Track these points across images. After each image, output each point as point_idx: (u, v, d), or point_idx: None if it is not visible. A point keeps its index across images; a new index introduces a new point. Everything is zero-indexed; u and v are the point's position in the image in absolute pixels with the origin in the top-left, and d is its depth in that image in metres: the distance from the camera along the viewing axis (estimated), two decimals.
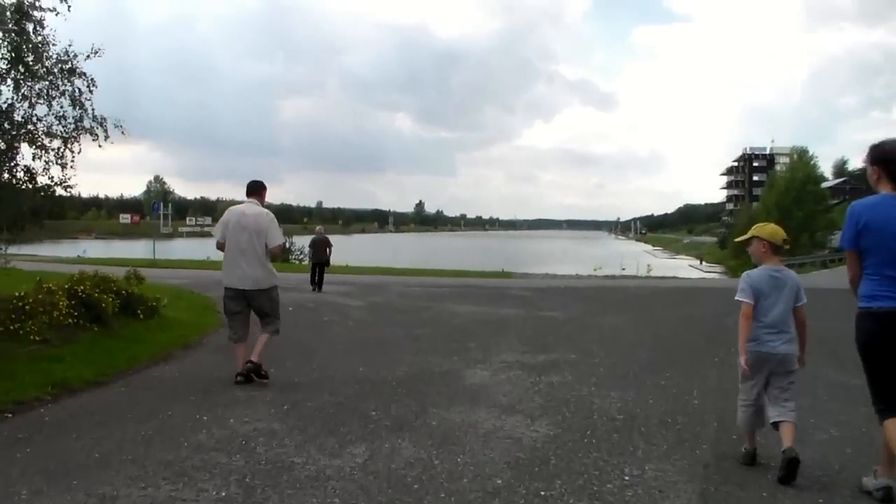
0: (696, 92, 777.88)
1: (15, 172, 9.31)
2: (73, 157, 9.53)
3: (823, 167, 67.66)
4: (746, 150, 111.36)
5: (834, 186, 71.82)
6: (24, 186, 9.39)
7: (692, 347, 9.33)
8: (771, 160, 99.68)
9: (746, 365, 4.33)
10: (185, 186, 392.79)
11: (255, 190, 6.98)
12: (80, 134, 9.54)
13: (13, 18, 8.67)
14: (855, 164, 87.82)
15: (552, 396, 6.29)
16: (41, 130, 9.33)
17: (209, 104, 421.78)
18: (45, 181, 9.44)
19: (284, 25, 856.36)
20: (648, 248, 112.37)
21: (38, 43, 9.05)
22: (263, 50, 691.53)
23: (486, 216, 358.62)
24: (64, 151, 9.46)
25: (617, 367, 7.83)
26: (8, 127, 9.09)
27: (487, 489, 3.93)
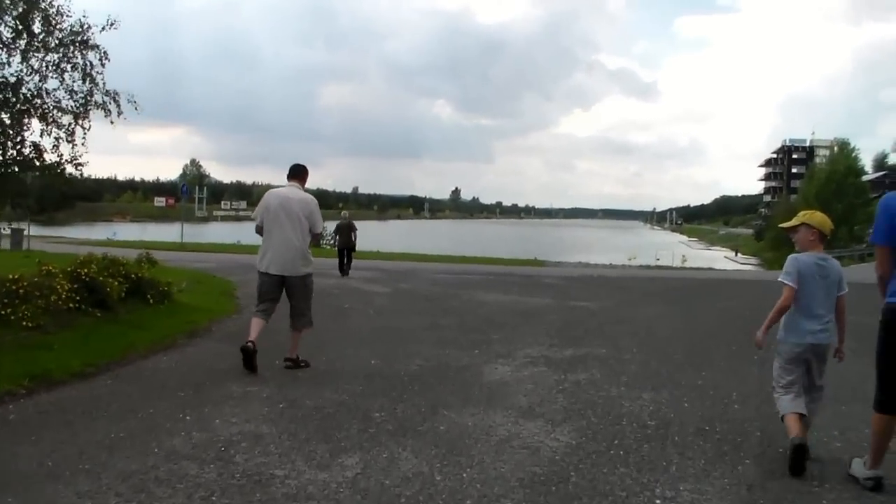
0: (736, 83, 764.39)
1: (22, 149, 8.97)
2: (84, 133, 9.22)
3: (864, 160, 65.51)
4: (786, 141, 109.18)
5: (874, 180, 69.39)
6: (31, 163, 9.06)
7: (730, 343, 8.61)
8: (811, 152, 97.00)
9: (763, 341, 4.35)
10: (222, 170, 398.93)
11: (297, 173, 6.69)
12: (90, 109, 9.20)
13: None
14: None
15: (577, 398, 5.70)
16: (51, 105, 8.99)
17: (250, 89, 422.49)
18: (53, 158, 9.11)
19: (327, 11, 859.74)
20: (684, 238, 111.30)
21: (49, 13, 8.69)
22: (306, 36, 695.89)
23: (522, 204, 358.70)
24: (74, 128, 9.13)
25: (650, 364, 7.22)
26: (15, 101, 8.74)
27: None
